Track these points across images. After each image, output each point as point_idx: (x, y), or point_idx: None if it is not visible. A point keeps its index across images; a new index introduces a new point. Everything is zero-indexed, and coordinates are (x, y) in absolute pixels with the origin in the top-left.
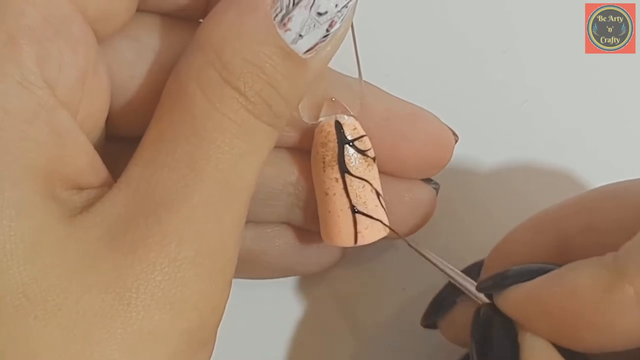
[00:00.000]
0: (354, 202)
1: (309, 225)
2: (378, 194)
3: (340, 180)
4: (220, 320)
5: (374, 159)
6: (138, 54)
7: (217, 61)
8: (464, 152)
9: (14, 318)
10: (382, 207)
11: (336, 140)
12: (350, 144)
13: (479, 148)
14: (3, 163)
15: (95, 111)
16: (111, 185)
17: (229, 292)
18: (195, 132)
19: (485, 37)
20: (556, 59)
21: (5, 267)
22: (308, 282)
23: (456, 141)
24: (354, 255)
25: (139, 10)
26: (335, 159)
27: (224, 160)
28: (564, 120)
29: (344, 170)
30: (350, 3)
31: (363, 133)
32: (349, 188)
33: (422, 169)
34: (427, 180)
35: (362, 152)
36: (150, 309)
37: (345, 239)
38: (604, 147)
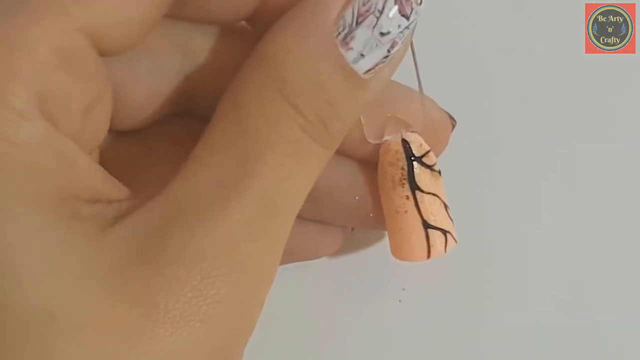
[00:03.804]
0: (425, 217)
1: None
2: (446, 206)
3: (411, 198)
4: (249, 338)
5: (439, 172)
6: (153, 66)
7: (277, 76)
8: (462, 152)
9: (39, 337)
10: (450, 218)
11: (405, 159)
12: (419, 161)
13: (478, 147)
14: (14, 190)
15: (97, 132)
16: (134, 198)
17: (261, 311)
18: (244, 148)
19: (486, 37)
20: (556, 58)
21: (29, 287)
22: (307, 281)
23: (454, 126)
24: (354, 255)
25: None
26: (405, 177)
27: (271, 178)
28: (564, 120)
29: (414, 187)
30: (412, 25)
31: (428, 148)
32: (420, 205)
33: None
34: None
35: (430, 167)
36: (179, 326)
37: (418, 254)
38: (603, 146)
